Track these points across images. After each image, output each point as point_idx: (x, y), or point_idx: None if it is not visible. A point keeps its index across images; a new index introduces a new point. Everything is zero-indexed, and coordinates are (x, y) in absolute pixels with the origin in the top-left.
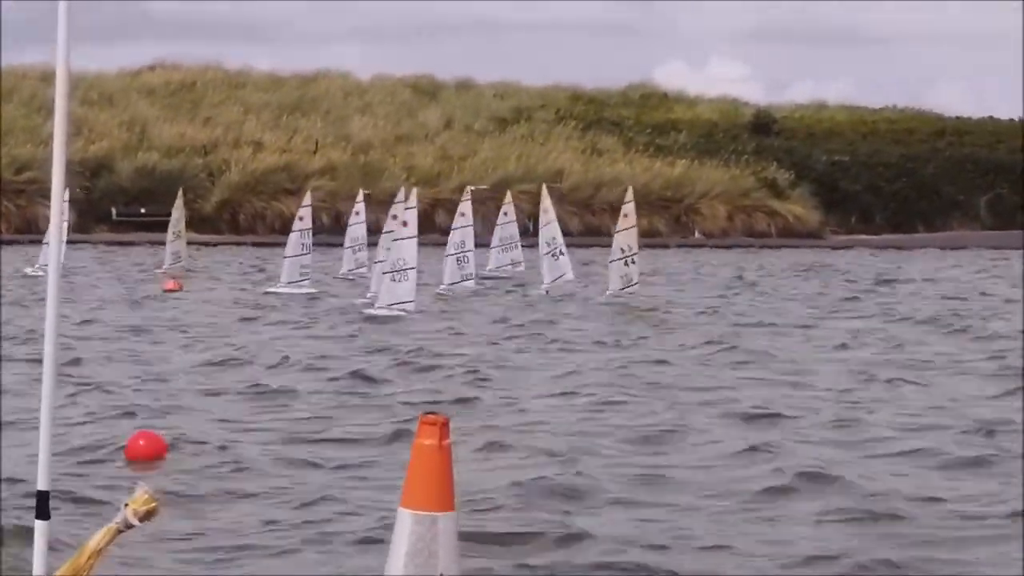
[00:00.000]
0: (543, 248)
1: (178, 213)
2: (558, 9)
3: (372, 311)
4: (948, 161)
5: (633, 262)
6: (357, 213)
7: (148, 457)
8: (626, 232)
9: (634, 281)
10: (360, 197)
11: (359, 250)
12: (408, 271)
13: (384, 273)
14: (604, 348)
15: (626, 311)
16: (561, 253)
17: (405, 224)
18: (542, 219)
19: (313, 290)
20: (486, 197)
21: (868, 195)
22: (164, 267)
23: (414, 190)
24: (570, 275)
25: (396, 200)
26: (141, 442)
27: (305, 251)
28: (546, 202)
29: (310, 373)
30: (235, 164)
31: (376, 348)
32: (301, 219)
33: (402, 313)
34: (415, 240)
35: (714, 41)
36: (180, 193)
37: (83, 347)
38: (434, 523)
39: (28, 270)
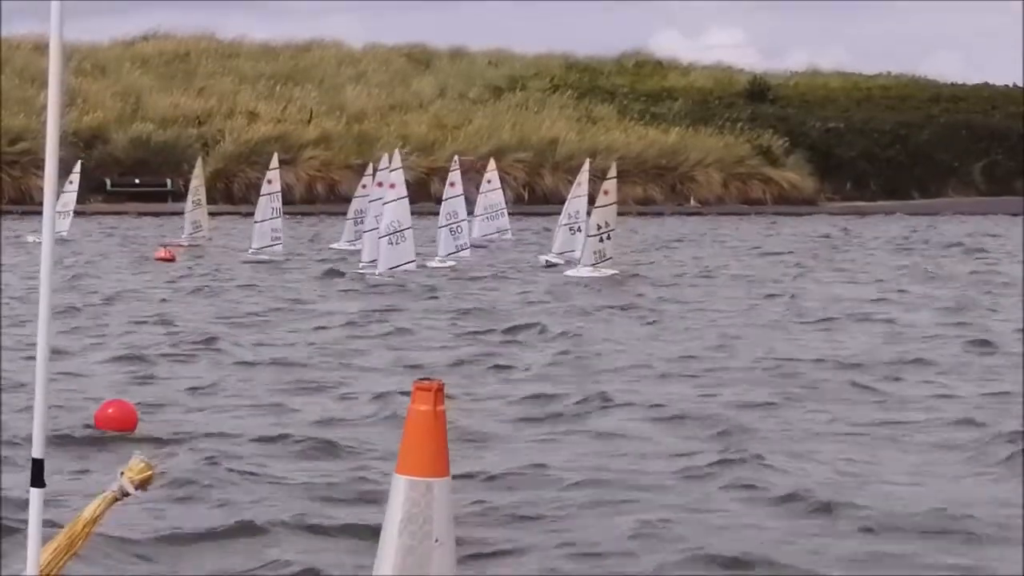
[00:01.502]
0: (563, 219)
1: (197, 181)
2: None
3: (375, 278)
4: (943, 127)
5: (609, 238)
6: (363, 186)
7: (118, 426)
8: (605, 208)
9: (607, 256)
10: (369, 170)
11: (360, 222)
12: (404, 231)
13: (380, 237)
14: None
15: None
16: (579, 229)
17: (392, 186)
18: (573, 191)
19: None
20: (480, 167)
21: (863, 162)
22: (183, 236)
23: (397, 152)
24: (579, 252)
25: (381, 167)
26: (110, 410)
27: (275, 215)
28: (582, 176)
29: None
30: (229, 134)
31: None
32: (269, 182)
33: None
34: (406, 200)
35: (708, 8)
36: (200, 161)
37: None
38: (429, 489)
39: (31, 238)
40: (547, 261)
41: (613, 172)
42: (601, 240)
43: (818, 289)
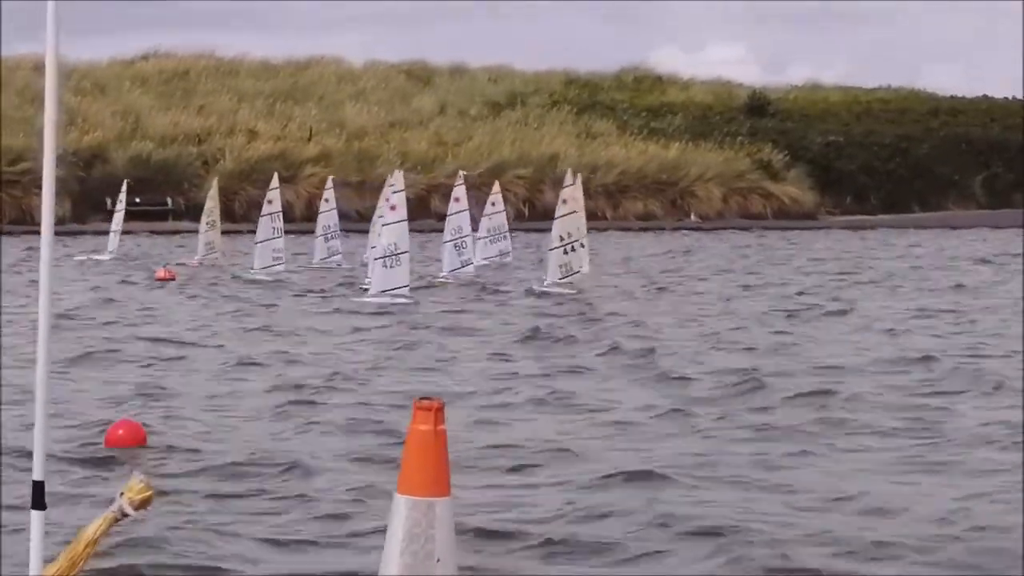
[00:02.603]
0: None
1: (212, 202)
2: None
3: (365, 299)
4: (943, 141)
5: (574, 249)
6: (327, 200)
7: (127, 445)
8: (566, 218)
9: (575, 270)
10: (329, 184)
11: (330, 238)
12: (401, 255)
13: (376, 259)
14: None
15: None
16: (581, 245)
17: (394, 208)
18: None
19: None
20: (481, 183)
21: (863, 175)
22: (197, 258)
23: (400, 172)
24: (586, 268)
25: (388, 184)
26: (120, 431)
27: (276, 235)
28: (578, 192)
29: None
30: (229, 152)
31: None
32: (270, 202)
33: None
34: (405, 223)
35: (708, 24)
36: (215, 182)
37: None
38: (430, 508)
39: (79, 256)
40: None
41: (569, 179)
42: (566, 252)
43: None
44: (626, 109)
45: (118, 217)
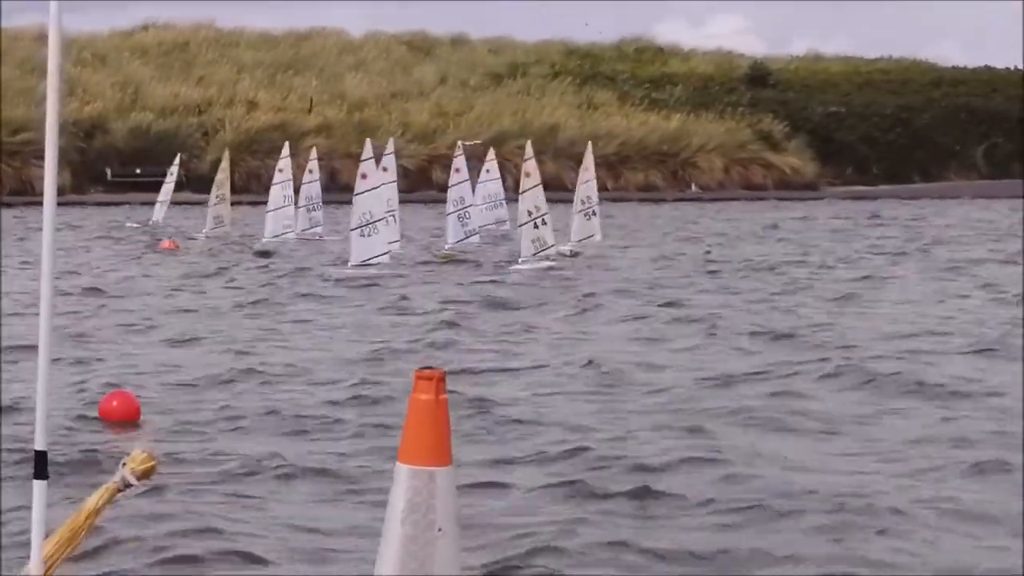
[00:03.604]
0: (577, 206)
1: (223, 175)
2: None
3: (346, 271)
4: (944, 111)
5: (544, 223)
6: (311, 171)
7: (121, 417)
8: (531, 192)
9: (549, 243)
10: (313, 155)
11: (312, 209)
12: (376, 223)
13: (352, 230)
14: None
15: None
16: (594, 214)
17: (364, 176)
18: (582, 176)
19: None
20: (482, 153)
21: (864, 146)
22: (204, 231)
23: (368, 141)
24: (599, 236)
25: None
26: (114, 402)
27: (287, 203)
28: (587, 160)
29: None
30: (229, 123)
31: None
32: (281, 171)
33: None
34: (380, 190)
35: None
36: (226, 154)
37: None
38: (431, 478)
39: (130, 223)
40: (571, 251)
41: (529, 152)
42: (536, 227)
43: None
44: (627, 80)
45: (167, 188)
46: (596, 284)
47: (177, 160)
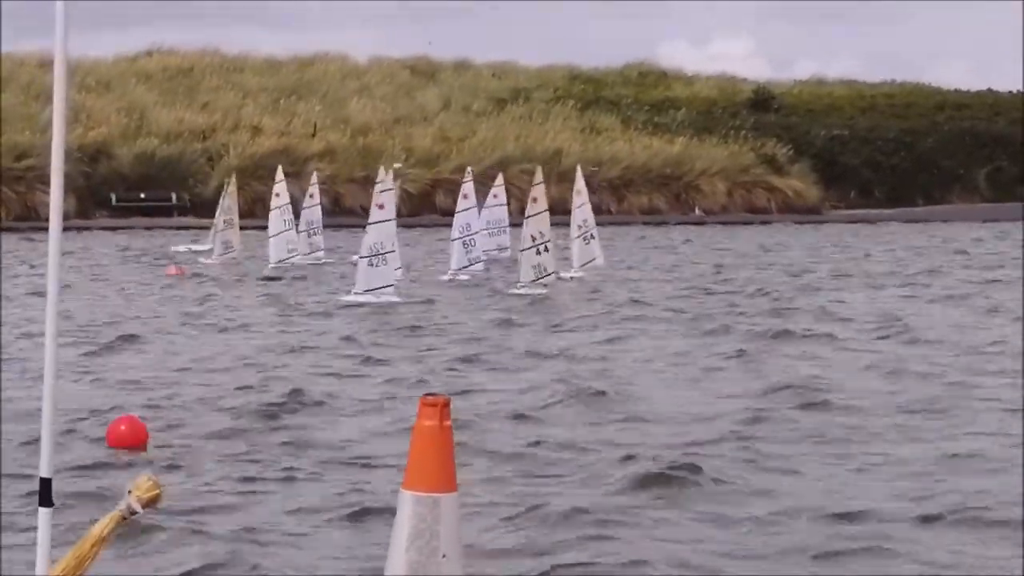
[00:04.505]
0: (574, 231)
1: (230, 200)
2: None
3: (347, 299)
4: (947, 134)
5: (547, 250)
6: (311, 196)
7: (129, 443)
8: (536, 218)
9: (549, 271)
10: (314, 179)
11: (313, 233)
12: (386, 255)
13: (362, 257)
14: None
15: None
16: (592, 237)
17: (381, 207)
18: (575, 200)
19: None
20: (488, 178)
21: (867, 170)
22: (213, 257)
23: (390, 171)
24: (600, 260)
25: (377, 181)
26: (122, 427)
27: (288, 227)
28: (580, 183)
29: None
30: (233, 148)
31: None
32: (277, 195)
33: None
34: (393, 222)
35: (714, 19)
36: (232, 179)
37: None
38: (436, 504)
39: (181, 247)
40: (571, 277)
41: (539, 177)
42: (538, 252)
43: None
44: (630, 104)
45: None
46: None
47: (233, 179)
